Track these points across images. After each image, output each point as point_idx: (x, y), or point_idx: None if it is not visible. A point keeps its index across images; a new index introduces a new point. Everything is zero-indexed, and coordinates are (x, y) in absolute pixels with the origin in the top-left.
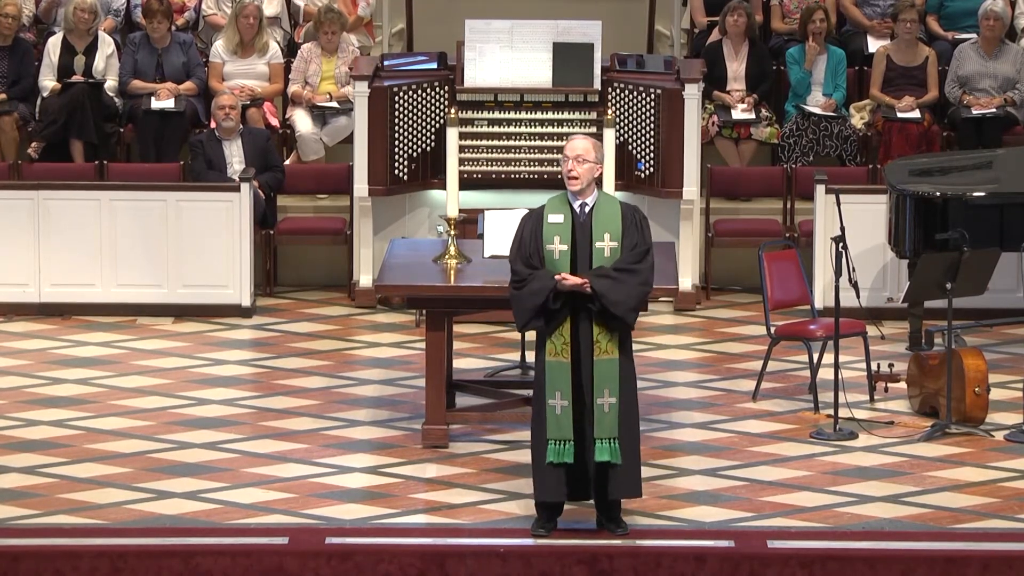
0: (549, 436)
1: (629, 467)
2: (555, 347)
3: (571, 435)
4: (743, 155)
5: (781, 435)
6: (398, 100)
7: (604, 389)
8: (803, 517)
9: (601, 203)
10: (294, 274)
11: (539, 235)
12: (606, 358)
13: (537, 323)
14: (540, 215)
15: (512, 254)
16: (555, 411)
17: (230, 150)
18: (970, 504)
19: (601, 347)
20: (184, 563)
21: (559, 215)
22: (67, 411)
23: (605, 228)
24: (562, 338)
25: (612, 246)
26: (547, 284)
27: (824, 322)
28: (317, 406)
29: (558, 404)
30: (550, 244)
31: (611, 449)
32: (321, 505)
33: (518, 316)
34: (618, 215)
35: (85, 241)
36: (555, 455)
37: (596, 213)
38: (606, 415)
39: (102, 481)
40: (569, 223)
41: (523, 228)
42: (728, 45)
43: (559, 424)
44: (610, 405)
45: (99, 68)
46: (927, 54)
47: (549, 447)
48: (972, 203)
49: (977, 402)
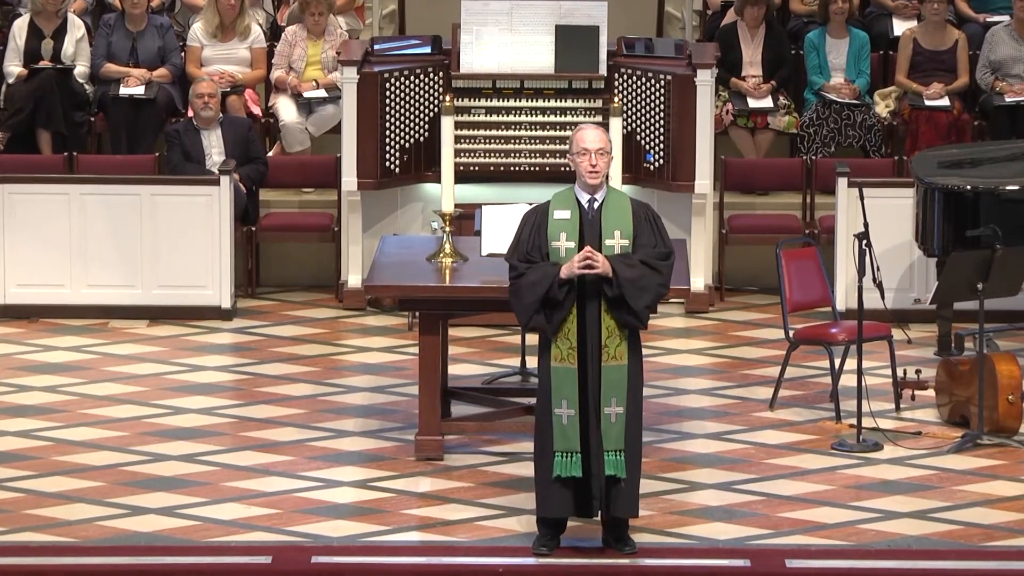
0: (556, 448)
1: (631, 483)
2: (561, 352)
3: (579, 446)
4: (759, 146)
5: (800, 446)
6: (389, 87)
7: (612, 398)
8: (824, 534)
9: (611, 199)
10: (278, 274)
11: (543, 232)
12: (615, 364)
13: (539, 319)
14: (545, 211)
15: (509, 252)
16: (561, 421)
17: (209, 141)
18: (1003, 520)
19: (609, 352)
20: None
21: (566, 211)
22: (34, 421)
23: (616, 225)
24: (568, 342)
25: (623, 244)
26: (549, 271)
27: (846, 325)
28: (302, 415)
29: (564, 413)
30: (556, 241)
31: (616, 462)
32: (307, 522)
33: (520, 313)
34: (629, 212)
35: (53, 238)
36: (562, 468)
37: (606, 209)
38: (613, 426)
39: (72, 496)
40: (577, 219)
41: (524, 226)
42: (743, 28)
43: (566, 435)
44: (617, 415)
45: (68, 53)
46: (957, 37)
47: (556, 460)
48: (1005, 197)
49: (1011, 411)
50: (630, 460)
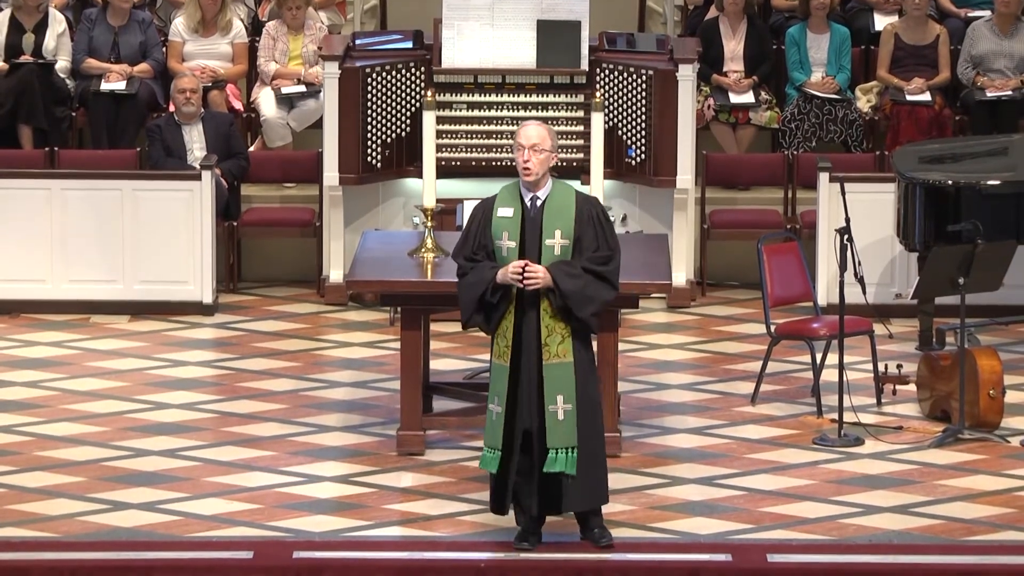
0: (484, 443)
1: (592, 476)
2: (498, 348)
3: (500, 444)
4: (741, 141)
5: (782, 441)
6: (371, 82)
7: (557, 396)
8: (805, 529)
9: (554, 196)
10: (259, 269)
11: (487, 230)
12: (556, 362)
13: (478, 319)
14: (490, 208)
15: (456, 248)
16: (492, 416)
17: (190, 136)
18: (984, 515)
19: (551, 351)
20: None
21: (509, 208)
22: (15, 416)
23: (556, 225)
24: (504, 340)
25: (563, 244)
26: (485, 276)
27: (828, 320)
28: (284, 410)
29: (494, 410)
30: (499, 240)
31: (567, 459)
32: (288, 517)
33: (462, 311)
34: (571, 209)
35: (34, 233)
36: (484, 463)
37: (547, 207)
38: (560, 423)
39: (53, 491)
40: (519, 218)
41: (472, 221)
42: (725, 23)
43: (493, 431)
44: (565, 412)
45: (49, 47)
46: (938, 32)
47: (483, 453)
48: (986, 192)
49: (992, 406)
50: (587, 456)
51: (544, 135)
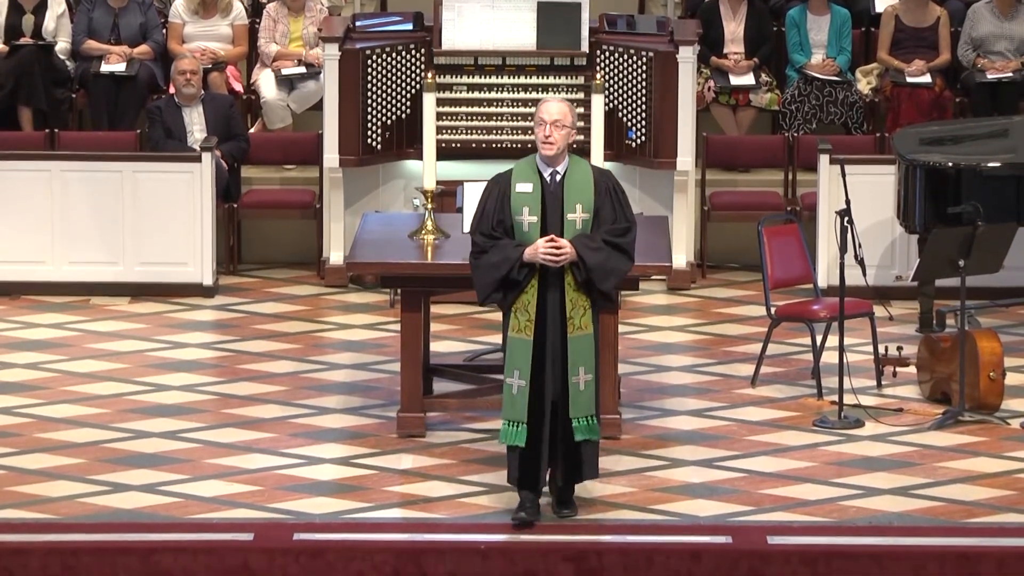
0: (503, 416)
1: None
2: (519, 323)
3: (525, 417)
4: (741, 123)
5: (782, 423)
6: (371, 63)
7: (580, 367)
8: (805, 511)
9: (572, 170)
10: (259, 251)
11: (507, 205)
12: (580, 335)
13: (497, 296)
14: (507, 183)
15: (472, 225)
16: (511, 390)
17: (190, 117)
18: (984, 497)
19: (575, 323)
20: (142, 561)
21: (528, 184)
22: (16, 398)
23: (576, 199)
24: (527, 314)
25: (584, 218)
26: (510, 255)
27: (828, 302)
28: (284, 392)
29: (515, 384)
30: (519, 215)
31: (589, 427)
32: (289, 499)
33: (478, 290)
34: (590, 183)
35: (34, 215)
36: (507, 437)
37: (567, 182)
38: (582, 393)
39: (53, 473)
40: (539, 192)
41: (487, 197)
42: (725, 5)
43: (514, 405)
44: (586, 382)
45: (49, 29)
46: (938, 14)
47: (503, 427)
48: (987, 174)
49: (992, 388)
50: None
51: (565, 111)
